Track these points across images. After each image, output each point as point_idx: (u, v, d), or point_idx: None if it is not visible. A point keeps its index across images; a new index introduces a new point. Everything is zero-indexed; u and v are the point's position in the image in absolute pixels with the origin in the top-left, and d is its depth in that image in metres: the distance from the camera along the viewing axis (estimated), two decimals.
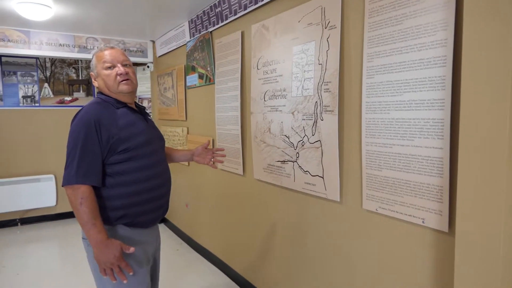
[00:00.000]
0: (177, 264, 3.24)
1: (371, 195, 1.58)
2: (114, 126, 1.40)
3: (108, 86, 1.49)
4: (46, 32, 3.60)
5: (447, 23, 1.26)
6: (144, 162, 1.47)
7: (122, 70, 1.47)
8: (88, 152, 1.35)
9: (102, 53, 1.50)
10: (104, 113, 1.41)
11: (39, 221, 4.45)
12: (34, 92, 4.38)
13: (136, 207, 1.46)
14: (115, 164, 1.42)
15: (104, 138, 1.37)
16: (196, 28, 3.14)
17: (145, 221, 1.50)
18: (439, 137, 1.30)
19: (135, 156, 1.44)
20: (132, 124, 1.47)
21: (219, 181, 2.96)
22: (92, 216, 1.33)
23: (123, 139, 1.41)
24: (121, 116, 1.45)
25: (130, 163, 1.43)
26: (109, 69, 1.48)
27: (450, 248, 1.29)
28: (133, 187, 1.45)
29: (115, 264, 1.35)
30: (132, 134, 1.44)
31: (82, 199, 1.32)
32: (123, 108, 1.49)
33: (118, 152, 1.41)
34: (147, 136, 1.51)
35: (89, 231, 1.33)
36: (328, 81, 1.77)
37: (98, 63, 1.50)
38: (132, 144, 1.43)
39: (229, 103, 2.67)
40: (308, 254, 2.03)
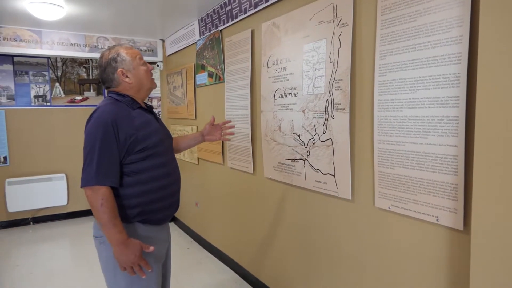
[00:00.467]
0: (188, 262, 3.26)
1: (384, 193, 1.57)
2: (131, 126, 1.41)
3: (144, 83, 1.53)
4: (57, 31, 3.64)
5: (462, 20, 1.24)
6: (159, 160, 1.49)
7: (151, 67, 1.53)
8: (106, 153, 1.36)
9: (131, 50, 1.51)
10: (120, 113, 1.41)
11: (51, 220, 4.51)
12: (46, 92, 4.44)
13: (152, 205, 1.47)
14: (132, 164, 1.43)
15: (121, 138, 1.38)
16: (206, 26, 3.15)
17: (159, 219, 1.52)
18: (453, 135, 1.29)
19: (151, 155, 1.46)
20: (148, 124, 1.49)
21: (229, 180, 2.97)
22: (112, 216, 1.34)
23: (141, 139, 1.42)
24: (136, 116, 1.46)
25: (146, 161, 1.45)
26: (145, 65, 1.53)
27: (465, 246, 1.28)
28: (149, 185, 1.46)
29: (135, 263, 1.37)
30: (149, 134, 1.46)
31: (103, 200, 1.33)
32: (138, 109, 1.50)
33: (136, 152, 1.42)
34: (161, 135, 1.53)
35: (110, 232, 1.34)
36: (340, 79, 1.76)
37: (133, 60, 1.49)
38: (149, 143, 1.45)
39: (239, 102, 2.67)
40: (319, 252, 2.02)
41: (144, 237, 1.46)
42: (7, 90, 4.23)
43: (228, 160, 2.92)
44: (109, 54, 1.49)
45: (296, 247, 2.22)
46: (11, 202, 4.17)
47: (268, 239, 2.50)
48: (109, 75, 1.49)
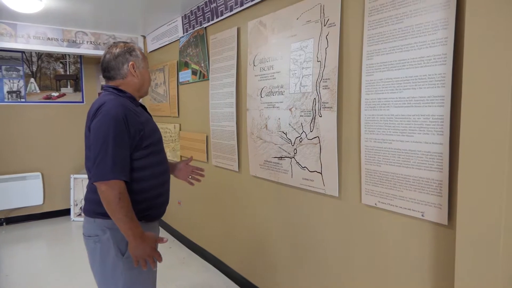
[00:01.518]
0: (171, 261, 3.22)
1: (370, 190, 1.62)
2: (138, 121, 1.43)
3: (145, 87, 1.59)
4: (33, 25, 3.51)
5: (447, 22, 1.29)
6: (159, 158, 1.54)
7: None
8: (121, 147, 1.36)
9: (142, 52, 1.58)
10: (128, 110, 1.41)
11: (25, 220, 4.36)
12: (20, 87, 4.27)
13: (154, 200, 1.51)
14: (138, 160, 1.44)
15: (132, 133, 1.39)
16: (189, 23, 3.12)
17: (158, 214, 1.57)
18: (438, 133, 1.34)
19: (153, 152, 1.50)
20: (150, 121, 1.55)
21: (214, 178, 2.96)
22: (129, 210, 1.35)
23: (147, 135, 1.45)
24: (140, 114, 1.50)
25: (150, 158, 1.48)
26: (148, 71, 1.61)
27: (450, 240, 1.33)
28: (151, 181, 1.50)
29: (150, 255, 1.40)
30: (152, 130, 1.51)
31: (121, 194, 1.33)
32: (139, 107, 1.56)
33: (143, 148, 1.44)
34: (159, 133, 1.60)
35: (128, 226, 1.34)
36: (327, 78, 1.79)
37: (144, 62, 1.56)
38: (154, 140, 1.50)
39: (224, 100, 2.67)
40: (305, 249, 2.05)
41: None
42: None
43: (212, 158, 2.91)
44: (125, 46, 1.52)
45: (282, 244, 2.24)
46: None
47: (253, 236, 2.51)
48: (119, 64, 1.49)
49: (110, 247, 1.43)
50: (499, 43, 1.06)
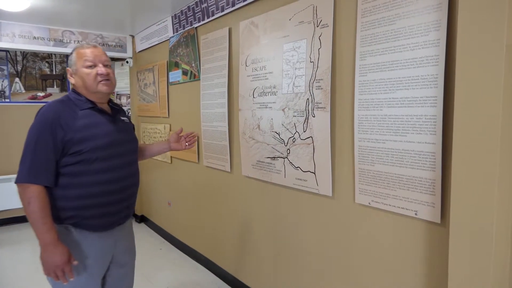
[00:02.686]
0: (161, 263, 3.19)
1: (364, 190, 1.63)
2: (70, 127, 1.38)
3: (87, 85, 1.46)
4: (19, 24, 3.43)
5: (439, 24, 1.32)
6: (101, 165, 1.44)
7: (103, 70, 1.46)
8: (41, 151, 1.34)
9: (84, 50, 1.47)
10: (63, 113, 1.38)
11: (9, 223, 4.25)
12: (4, 87, 4.17)
13: (87, 211, 1.43)
14: (69, 166, 1.39)
15: (59, 138, 1.35)
16: (180, 23, 3.10)
17: (95, 226, 1.46)
18: (431, 133, 1.36)
19: (90, 159, 1.41)
20: (93, 126, 1.44)
21: (205, 179, 2.95)
22: (41, 215, 1.31)
23: (76, 141, 1.38)
24: (82, 117, 1.42)
25: (84, 165, 1.40)
26: (90, 68, 1.46)
27: (443, 238, 1.35)
28: (86, 189, 1.42)
29: (60, 267, 1.34)
30: (89, 137, 1.41)
31: (31, 198, 1.31)
32: (88, 110, 1.46)
33: (71, 154, 1.38)
34: (110, 138, 1.47)
35: (37, 231, 1.32)
36: (320, 79, 1.80)
37: (78, 60, 1.46)
38: (87, 147, 1.39)
39: (215, 100, 2.66)
40: (300, 249, 2.06)
41: (75, 242, 1.43)
42: None
43: (203, 159, 2.89)
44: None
45: (275, 244, 2.24)
46: None
47: (245, 237, 2.51)
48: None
49: None
50: (491, 44, 1.09)
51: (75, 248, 1.42)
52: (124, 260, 1.64)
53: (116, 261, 1.59)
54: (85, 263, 1.45)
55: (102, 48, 1.55)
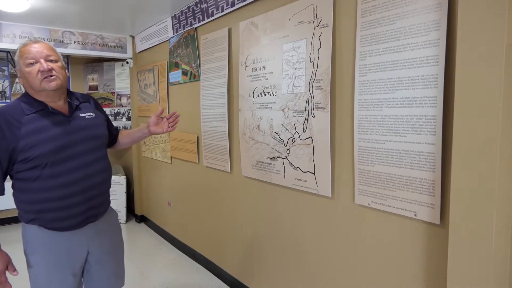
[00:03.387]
0: (161, 263, 3.19)
1: (363, 190, 1.62)
2: (14, 135, 1.33)
3: (31, 84, 1.38)
4: (19, 24, 3.43)
5: (439, 24, 1.31)
6: (52, 170, 1.38)
7: (44, 66, 1.36)
8: None
9: (25, 48, 1.38)
10: (8, 120, 1.33)
11: (5, 223, 4.25)
12: (5, 88, 4.18)
13: (48, 213, 1.41)
14: (22, 172, 1.37)
15: (3, 147, 1.32)
16: (180, 24, 3.10)
17: (62, 227, 1.44)
18: (431, 133, 1.35)
19: (40, 165, 1.36)
20: (38, 132, 1.37)
21: (205, 179, 2.94)
22: None
23: (21, 149, 1.33)
24: (26, 123, 1.35)
25: (35, 171, 1.37)
26: (31, 65, 1.37)
27: (442, 240, 1.35)
28: (41, 194, 1.39)
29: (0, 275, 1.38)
30: (36, 142, 1.35)
31: None
32: (34, 114, 1.38)
33: (20, 161, 1.35)
34: (59, 142, 1.39)
35: None
36: (320, 79, 1.79)
37: (20, 59, 1.38)
38: (33, 154, 1.34)
39: (215, 100, 2.65)
40: (299, 249, 2.05)
41: (45, 240, 1.44)
42: None
43: (203, 159, 2.89)
44: None
45: (275, 245, 2.23)
46: None
47: (245, 237, 2.50)
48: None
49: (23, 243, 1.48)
50: (491, 43, 1.08)
51: (46, 246, 1.43)
52: (101, 255, 1.60)
53: (93, 257, 1.57)
54: (57, 260, 1.46)
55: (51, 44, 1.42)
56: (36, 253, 1.45)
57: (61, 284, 1.47)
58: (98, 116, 1.61)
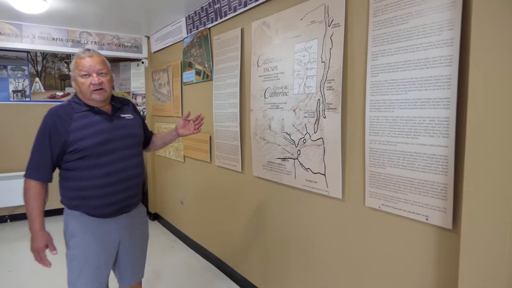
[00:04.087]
0: (172, 260, 3.22)
1: (374, 193, 1.60)
2: (66, 130, 1.53)
3: (82, 92, 1.60)
4: (38, 25, 3.52)
5: (453, 23, 1.27)
6: (97, 160, 1.58)
7: (96, 80, 1.57)
8: (39, 152, 1.54)
9: (81, 60, 1.58)
10: (60, 118, 1.54)
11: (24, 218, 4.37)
12: (25, 87, 4.30)
13: (91, 200, 1.60)
14: (70, 162, 1.57)
15: (55, 141, 1.53)
16: (193, 24, 3.12)
17: (101, 214, 1.63)
18: (444, 136, 1.32)
19: (86, 156, 1.56)
20: (88, 126, 1.57)
21: (217, 178, 2.95)
22: (31, 206, 1.54)
23: (71, 141, 1.53)
24: (76, 120, 1.56)
25: (82, 161, 1.56)
26: (85, 77, 1.58)
27: (454, 245, 1.31)
28: (85, 182, 1.58)
29: (37, 251, 1.58)
30: (84, 136, 1.55)
31: (26, 190, 1.54)
32: (84, 112, 1.60)
33: (69, 152, 1.55)
34: (103, 136, 1.59)
35: (28, 219, 1.56)
36: (331, 79, 1.77)
37: (75, 69, 1.59)
38: (81, 145, 1.54)
39: (227, 100, 2.66)
40: (309, 251, 2.04)
41: (85, 225, 1.62)
42: None
43: (215, 159, 2.90)
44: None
45: (284, 246, 2.22)
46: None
47: (256, 238, 2.50)
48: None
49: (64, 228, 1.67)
50: (506, 44, 1.04)
51: (85, 230, 1.62)
52: (130, 246, 1.77)
53: (123, 247, 1.74)
54: (94, 243, 1.63)
55: (100, 55, 1.64)
56: (76, 237, 1.63)
57: (96, 265, 1.65)
58: (135, 118, 1.82)
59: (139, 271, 1.88)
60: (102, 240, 1.66)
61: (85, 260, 1.63)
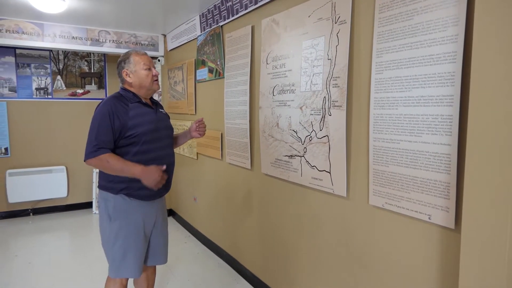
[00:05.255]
0: (185, 256, 3.28)
1: (378, 191, 1.58)
2: (125, 116, 1.74)
3: (144, 83, 1.84)
4: (59, 24, 3.65)
5: (458, 19, 1.25)
6: (147, 146, 1.78)
7: (156, 72, 1.88)
8: (102, 132, 1.69)
9: (141, 56, 1.85)
10: (118, 105, 1.75)
11: (50, 211, 4.55)
12: (47, 84, 4.46)
13: (136, 183, 1.75)
14: (123, 147, 1.75)
15: (116, 125, 1.71)
16: (207, 22, 3.15)
17: (143, 195, 1.82)
18: (447, 134, 1.29)
19: (139, 141, 1.76)
20: (141, 115, 1.79)
21: (227, 175, 2.98)
22: (122, 162, 1.69)
23: (130, 127, 1.73)
24: (132, 109, 1.78)
25: (134, 146, 1.75)
26: (147, 70, 1.84)
27: (456, 245, 1.29)
28: None
29: (157, 179, 1.71)
30: (139, 123, 1.76)
31: (107, 158, 1.67)
32: (135, 103, 1.81)
33: (126, 137, 1.73)
34: (153, 125, 1.82)
35: (129, 171, 1.69)
36: (337, 76, 1.76)
37: (137, 64, 1.83)
38: (138, 131, 1.75)
39: (238, 98, 2.68)
40: (315, 249, 2.04)
41: (130, 207, 1.79)
42: (9, 82, 4.25)
43: (226, 156, 2.93)
44: (122, 57, 1.86)
45: (292, 243, 2.23)
46: (12, 193, 4.21)
47: (264, 235, 2.51)
48: (119, 72, 1.87)
49: (104, 214, 1.80)
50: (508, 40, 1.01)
51: (130, 211, 1.79)
52: (161, 227, 1.99)
53: (156, 224, 1.94)
54: (136, 222, 1.81)
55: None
56: (118, 220, 1.78)
57: (139, 246, 1.82)
58: (166, 114, 2.06)
59: (166, 253, 2.06)
60: (143, 222, 1.84)
61: (129, 243, 1.79)
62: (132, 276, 1.82)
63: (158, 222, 1.94)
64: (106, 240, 1.81)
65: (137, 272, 1.83)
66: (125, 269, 1.79)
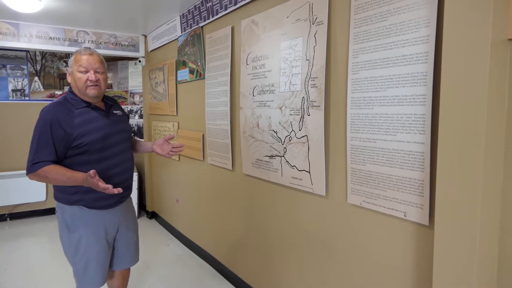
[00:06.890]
0: (168, 258, 3.25)
1: (356, 190, 1.60)
2: (69, 125, 1.60)
3: (77, 87, 1.68)
4: (35, 24, 3.56)
5: (429, 20, 1.28)
6: (98, 155, 1.68)
7: (93, 77, 1.67)
8: (43, 144, 1.57)
9: (81, 56, 1.68)
10: (61, 113, 1.61)
11: (28, 216, 4.43)
12: (24, 86, 4.35)
13: (88, 194, 1.68)
14: (72, 157, 1.64)
15: (60, 134, 1.58)
16: (187, 22, 3.14)
17: (101, 205, 1.74)
18: (420, 132, 1.32)
19: (89, 150, 1.64)
20: (89, 122, 1.67)
21: (209, 176, 2.97)
22: (63, 172, 1.56)
23: (75, 136, 1.61)
24: (78, 115, 1.65)
25: (84, 156, 1.64)
26: (82, 73, 1.67)
27: (431, 241, 1.31)
28: None
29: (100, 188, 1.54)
30: (86, 131, 1.64)
31: (45, 173, 1.55)
32: (82, 108, 1.68)
33: (73, 147, 1.62)
34: (103, 132, 1.70)
35: (75, 179, 1.56)
36: (315, 77, 1.78)
37: (74, 64, 1.68)
38: (85, 140, 1.62)
39: (219, 98, 2.67)
40: (296, 248, 2.05)
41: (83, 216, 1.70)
42: None
43: (208, 157, 2.92)
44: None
45: (274, 244, 2.24)
46: None
47: (247, 236, 2.51)
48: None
49: (62, 224, 1.72)
50: (476, 40, 1.05)
51: (87, 222, 1.71)
52: (126, 232, 1.91)
53: (121, 230, 1.88)
54: (96, 233, 1.74)
55: (99, 55, 1.72)
56: (77, 231, 1.70)
57: (101, 255, 1.76)
58: (123, 114, 1.94)
59: (136, 253, 2.01)
60: (103, 231, 1.76)
61: (90, 255, 1.72)
62: (95, 287, 1.77)
63: (122, 227, 1.87)
64: (66, 251, 1.76)
65: (101, 281, 1.78)
66: (88, 280, 1.74)
